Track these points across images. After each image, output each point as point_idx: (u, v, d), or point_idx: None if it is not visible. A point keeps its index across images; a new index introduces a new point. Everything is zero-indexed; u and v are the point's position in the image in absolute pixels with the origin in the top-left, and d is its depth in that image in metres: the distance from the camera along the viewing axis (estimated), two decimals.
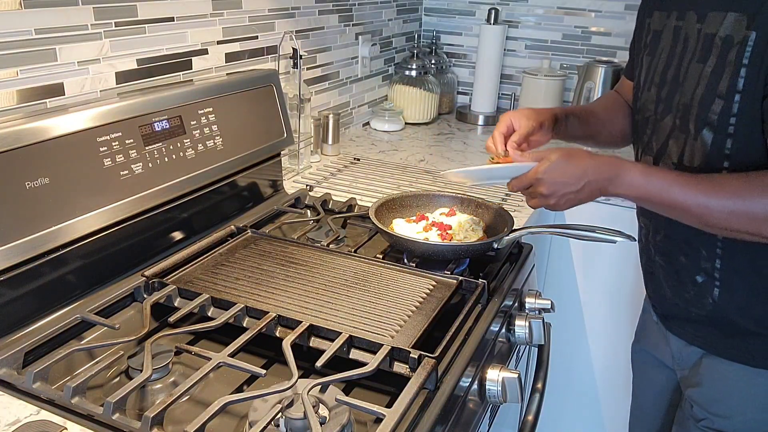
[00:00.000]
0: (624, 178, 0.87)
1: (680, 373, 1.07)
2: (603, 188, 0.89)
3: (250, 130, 1.26)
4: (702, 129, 0.87)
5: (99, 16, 1.06)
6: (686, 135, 0.90)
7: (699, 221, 0.85)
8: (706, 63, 0.86)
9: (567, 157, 0.89)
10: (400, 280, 0.99)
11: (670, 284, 1.01)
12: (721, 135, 0.86)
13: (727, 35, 0.83)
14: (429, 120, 2.16)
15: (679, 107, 0.91)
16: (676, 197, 0.84)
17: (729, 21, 0.83)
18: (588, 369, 1.74)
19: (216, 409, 0.69)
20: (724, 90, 0.84)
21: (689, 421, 1.03)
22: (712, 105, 0.85)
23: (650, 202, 0.88)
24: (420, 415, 0.74)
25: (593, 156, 0.89)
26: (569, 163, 0.89)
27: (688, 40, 0.90)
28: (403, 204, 1.24)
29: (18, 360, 0.79)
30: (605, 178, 0.88)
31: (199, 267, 1.01)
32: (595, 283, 1.65)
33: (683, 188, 0.84)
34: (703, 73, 0.87)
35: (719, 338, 0.96)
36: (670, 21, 0.94)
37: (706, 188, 0.83)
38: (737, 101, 0.83)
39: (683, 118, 0.90)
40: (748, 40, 0.81)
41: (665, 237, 0.99)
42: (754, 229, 0.81)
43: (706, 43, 0.86)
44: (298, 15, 1.60)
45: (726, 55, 0.83)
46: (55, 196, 0.88)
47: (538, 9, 2.16)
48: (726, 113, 0.84)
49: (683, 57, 0.91)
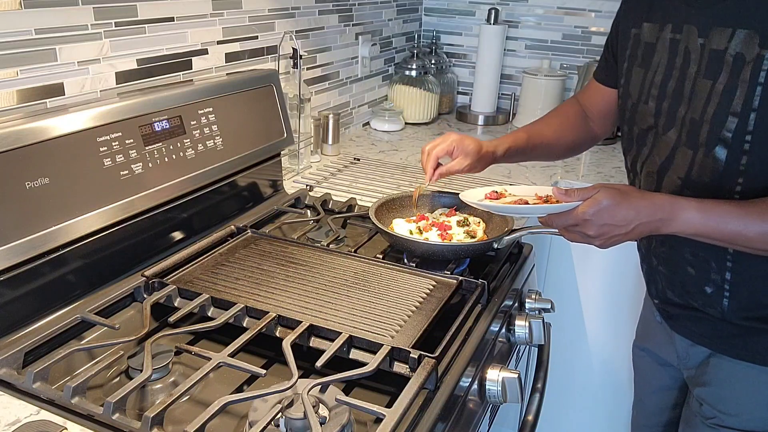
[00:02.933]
0: (680, 217, 0.84)
1: (686, 373, 1.07)
2: (655, 228, 0.86)
3: (250, 130, 1.26)
4: (715, 146, 0.87)
5: (99, 16, 1.06)
6: (695, 151, 0.89)
7: (760, 249, 0.84)
8: (717, 80, 0.85)
9: (618, 200, 0.84)
10: (400, 280, 0.99)
11: (677, 293, 1.01)
12: (736, 152, 0.85)
13: (738, 53, 0.83)
14: (429, 120, 2.16)
15: (686, 122, 0.90)
16: (735, 228, 0.82)
17: (739, 38, 0.83)
18: (588, 369, 1.74)
19: (216, 409, 0.69)
20: (738, 108, 0.83)
21: (697, 419, 1.03)
22: (726, 122, 0.85)
23: (709, 237, 0.85)
24: (420, 415, 0.74)
25: (645, 196, 0.86)
26: (620, 206, 0.84)
27: (690, 54, 0.89)
28: (403, 204, 1.24)
29: (18, 360, 0.79)
30: (659, 219, 0.84)
31: (199, 267, 1.01)
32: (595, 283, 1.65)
33: (742, 219, 0.82)
34: (714, 90, 0.86)
35: (726, 338, 0.96)
36: (664, 34, 0.94)
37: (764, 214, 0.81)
38: (752, 119, 0.83)
39: (691, 134, 0.90)
40: (764, 59, 0.80)
41: (670, 248, 0.98)
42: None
43: (715, 60, 0.86)
44: (298, 15, 1.60)
45: (739, 73, 0.83)
46: (55, 196, 0.88)
47: (538, 9, 2.16)
48: (741, 131, 0.84)
49: (685, 71, 0.90)
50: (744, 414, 0.97)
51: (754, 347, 0.94)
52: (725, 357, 0.97)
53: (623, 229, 0.85)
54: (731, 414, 0.98)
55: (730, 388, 0.98)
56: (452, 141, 1.09)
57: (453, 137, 1.10)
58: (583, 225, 0.87)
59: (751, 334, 0.93)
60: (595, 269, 1.63)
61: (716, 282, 0.93)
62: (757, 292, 0.91)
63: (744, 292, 0.92)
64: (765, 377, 0.94)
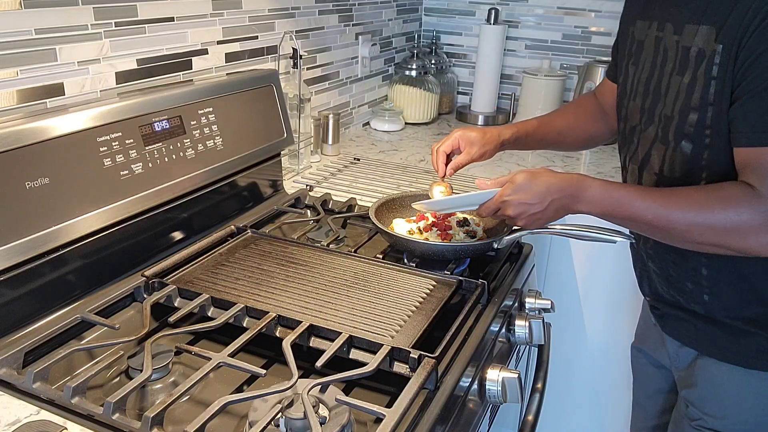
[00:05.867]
0: (585, 193, 0.88)
1: (676, 374, 1.08)
2: (567, 205, 0.90)
3: (250, 130, 1.26)
4: (681, 140, 0.89)
5: (99, 16, 1.06)
6: (666, 146, 0.91)
7: (664, 235, 0.86)
8: (684, 76, 0.87)
9: (530, 178, 0.90)
10: (400, 280, 0.99)
11: (664, 289, 1.02)
12: (699, 146, 0.87)
13: (699, 49, 0.84)
14: (429, 120, 2.16)
15: (662, 118, 0.92)
16: (637, 210, 0.85)
17: (702, 34, 0.84)
18: (588, 369, 1.74)
19: (216, 409, 0.69)
20: (697, 103, 0.85)
21: (684, 420, 1.03)
22: (689, 117, 0.86)
23: (614, 216, 0.89)
24: (420, 415, 0.74)
25: (555, 174, 0.90)
26: (532, 184, 0.90)
27: (668, 51, 0.91)
28: (403, 204, 1.24)
29: (18, 360, 0.79)
30: (568, 194, 0.89)
31: (199, 267, 1.01)
32: (595, 283, 1.65)
33: (644, 201, 0.85)
34: (681, 85, 0.88)
35: (712, 339, 0.97)
36: (651, 31, 0.95)
37: (668, 201, 0.84)
38: (710, 113, 0.84)
39: (664, 129, 0.91)
40: (716, 53, 0.81)
41: (655, 244, 1.00)
42: (718, 241, 0.81)
43: (683, 56, 0.87)
44: (298, 15, 1.60)
45: (698, 68, 0.84)
46: (55, 196, 0.88)
47: (538, 9, 2.16)
48: (701, 125, 0.85)
49: (664, 68, 0.92)
50: (729, 416, 0.97)
51: (740, 350, 0.94)
52: (712, 359, 0.97)
53: (538, 206, 0.90)
54: (716, 416, 0.98)
55: (715, 390, 0.98)
56: (456, 136, 1.12)
57: (457, 132, 1.13)
58: (504, 207, 0.93)
59: (737, 335, 0.93)
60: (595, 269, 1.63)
61: (695, 278, 0.94)
62: (736, 288, 0.91)
63: (723, 287, 0.92)
64: (750, 380, 0.94)
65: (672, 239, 0.87)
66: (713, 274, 0.92)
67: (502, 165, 1.72)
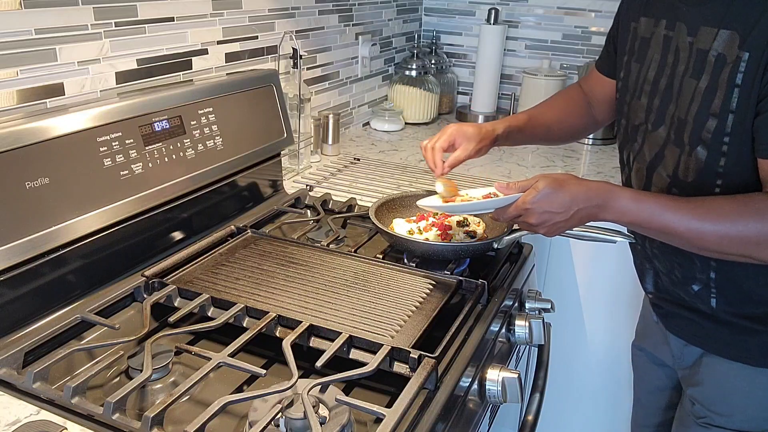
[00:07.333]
0: (614, 204, 0.85)
1: (680, 372, 1.07)
2: (593, 215, 0.87)
3: (250, 130, 1.26)
4: (696, 146, 0.87)
5: (99, 16, 1.06)
6: (681, 149, 0.90)
7: (692, 245, 0.85)
8: (700, 80, 0.86)
9: (555, 186, 0.86)
10: (400, 280, 0.99)
11: (669, 289, 1.02)
12: (715, 153, 0.85)
13: (719, 54, 0.83)
14: (429, 120, 2.16)
15: (674, 120, 0.91)
16: (668, 222, 0.83)
17: (722, 39, 0.82)
18: (588, 369, 1.74)
19: (216, 409, 0.69)
20: (717, 109, 0.83)
21: (690, 418, 1.03)
22: (706, 123, 0.85)
23: (642, 227, 0.87)
24: (420, 415, 0.74)
25: (582, 182, 0.87)
26: (558, 192, 0.86)
27: (680, 52, 0.89)
28: (403, 204, 1.24)
29: (18, 360, 0.79)
30: (595, 204, 0.86)
31: (199, 267, 1.01)
32: (595, 283, 1.65)
33: (676, 213, 0.83)
34: (697, 90, 0.86)
35: (718, 337, 0.97)
36: (659, 29, 0.94)
37: (699, 212, 0.82)
38: (730, 120, 0.83)
39: (678, 132, 0.90)
40: (741, 60, 0.80)
41: (661, 245, 0.99)
42: (747, 252, 0.81)
43: (699, 59, 0.86)
44: (298, 15, 1.60)
45: (719, 74, 0.83)
46: (55, 196, 0.88)
47: (538, 9, 2.16)
48: (720, 132, 0.84)
49: (675, 69, 0.90)
50: (735, 414, 0.97)
51: (746, 347, 0.94)
52: (718, 357, 0.97)
53: (563, 215, 0.87)
54: (723, 414, 0.98)
55: (722, 388, 0.98)
56: (452, 132, 1.10)
57: (451, 128, 1.10)
58: (526, 214, 0.89)
59: (743, 333, 0.93)
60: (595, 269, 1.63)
61: (702, 280, 0.94)
62: (744, 290, 0.91)
63: (731, 290, 0.92)
64: (757, 377, 0.94)
65: (699, 249, 0.85)
66: (722, 275, 0.91)
67: (502, 165, 1.72)
